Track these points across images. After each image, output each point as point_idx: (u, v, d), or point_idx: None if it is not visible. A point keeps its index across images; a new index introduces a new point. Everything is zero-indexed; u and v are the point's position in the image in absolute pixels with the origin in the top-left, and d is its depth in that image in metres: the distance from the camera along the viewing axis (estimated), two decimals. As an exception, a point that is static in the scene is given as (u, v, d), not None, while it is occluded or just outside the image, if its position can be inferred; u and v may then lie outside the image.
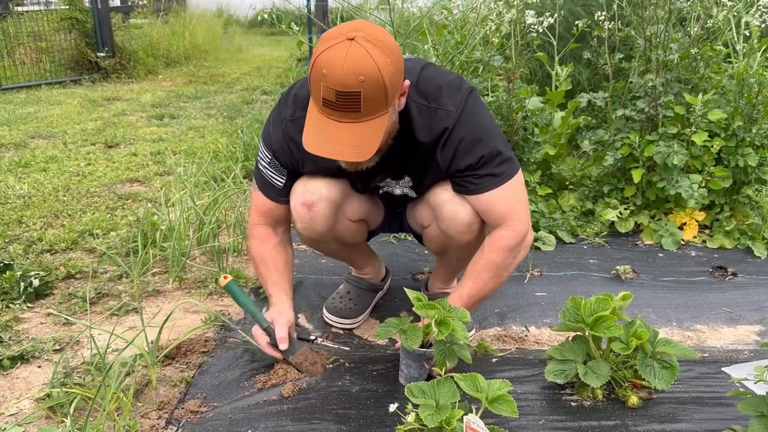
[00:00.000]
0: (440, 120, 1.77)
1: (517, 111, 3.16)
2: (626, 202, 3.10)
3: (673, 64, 2.94)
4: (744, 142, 2.95)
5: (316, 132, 1.60)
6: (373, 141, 1.59)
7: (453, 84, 1.80)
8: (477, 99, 1.83)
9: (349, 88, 1.50)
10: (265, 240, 2.02)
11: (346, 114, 1.55)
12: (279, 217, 2.03)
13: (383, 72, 1.51)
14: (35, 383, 1.89)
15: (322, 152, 1.59)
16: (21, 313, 2.29)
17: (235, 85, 7.61)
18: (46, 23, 8.00)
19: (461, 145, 1.78)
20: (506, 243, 1.86)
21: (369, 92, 1.52)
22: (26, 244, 2.83)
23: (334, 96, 1.52)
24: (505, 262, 1.88)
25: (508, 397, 1.53)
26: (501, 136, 1.86)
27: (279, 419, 1.70)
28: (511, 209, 1.85)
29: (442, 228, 1.95)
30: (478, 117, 1.80)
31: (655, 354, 1.76)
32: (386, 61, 1.52)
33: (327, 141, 1.58)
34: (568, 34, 3.81)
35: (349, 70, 1.49)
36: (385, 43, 1.54)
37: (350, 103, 1.53)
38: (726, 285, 2.57)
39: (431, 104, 1.77)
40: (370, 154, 1.59)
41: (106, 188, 3.67)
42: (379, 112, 1.58)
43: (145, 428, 1.67)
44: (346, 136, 1.57)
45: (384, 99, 1.56)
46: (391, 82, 1.55)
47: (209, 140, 4.74)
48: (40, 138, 4.92)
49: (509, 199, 1.85)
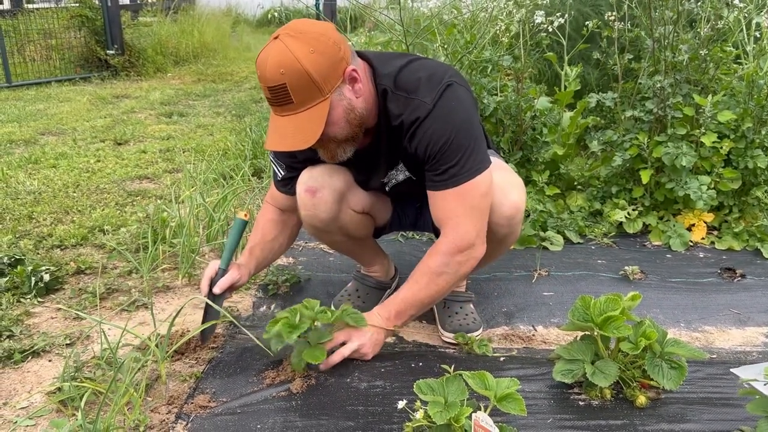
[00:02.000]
0: (414, 110, 1.77)
1: (525, 111, 3.16)
2: (634, 203, 3.10)
3: (682, 65, 2.94)
4: (753, 144, 2.94)
5: (269, 129, 1.74)
6: (314, 128, 1.67)
7: (434, 76, 1.79)
8: (456, 92, 1.79)
9: (275, 82, 1.62)
10: (265, 213, 2.14)
11: (283, 107, 1.67)
12: (282, 204, 2.11)
13: (303, 61, 1.60)
14: (46, 377, 1.90)
15: (269, 146, 1.74)
16: (32, 308, 2.31)
17: (243, 83, 7.63)
18: (56, 21, 8.05)
19: (428, 136, 1.77)
20: (442, 248, 1.83)
21: (294, 82, 1.62)
22: (37, 240, 2.86)
23: (268, 92, 1.66)
24: (439, 269, 1.84)
25: (517, 396, 1.53)
26: (473, 131, 1.80)
27: (287, 415, 1.71)
28: (452, 214, 1.81)
29: None
30: (452, 110, 1.77)
31: (663, 354, 1.76)
32: (307, 51, 1.61)
33: (274, 134, 1.72)
34: (578, 34, 3.81)
35: (272, 64, 1.61)
36: (308, 34, 1.64)
37: (281, 95, 1.64)
38: (734, 286, 2.57)
39: (409, 95, 1.78)
40: (309, 141, 1.67)
41: (115, 185, 3.69)
42: (315, 100, 1.66)
43: (155, 423, 1.68)
44: (288, 128, 1.68)
45: (314, 86, 1.64)
46: (316, 69, 1.62)
47: (218, 138, 4.76)
48: (49, 135, 4.95)
49: (456, 203, 1.80)
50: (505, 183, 1.90)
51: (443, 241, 1.84)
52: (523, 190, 1.94)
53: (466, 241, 1.82)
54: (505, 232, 1.93)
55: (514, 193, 1.90)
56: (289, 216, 2.12)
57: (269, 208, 2.13)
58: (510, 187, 1.90)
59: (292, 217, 2.13)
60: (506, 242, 2.00)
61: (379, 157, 1.90)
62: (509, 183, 1.91)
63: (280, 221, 2.12)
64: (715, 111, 2.90)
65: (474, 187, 1.80)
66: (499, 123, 3.21)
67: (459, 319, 2.15)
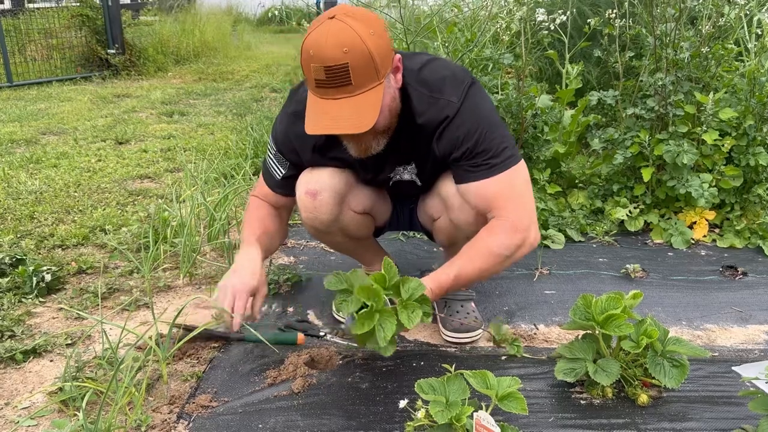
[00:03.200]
0: (441, 109, 1.77)
1: (527, 109, 3.15)
2: (636, 201, 3.10)
3: (683, 63, 2.93)
4: (755, 141, 2.94)
5: (314, 114, 1.64)
6: (371, 112, 1.60)
7: (457, 75, 1.80)
8: (480, 90, 1.82)
9: (336, 62, 1.54)
10: (260, 207, 2.08)
11: (339, 89, 1.58)
12: (275, 202, 2.09)
13: (367, 41, 1.55)
14: (48, 377, 1.90)
15: (321, 129, 1.63)
16: (33, 308, 2.31)
17: (244, 82, 7.63)
18: (57, 20, 8.06)
19: (460, 133, 1.77)
20: (501, 229, 1.79)
21: (356, 62, 1.55)
22: (38, 240, 2.86)
23: (324, 73, 1.56)
24: (498, 250, 1.80)
25: (518, 395, 1.53)
26: (502, 128, 1.83)
27: (289, 414, 1.71)
28: (506, 199, 1.79)
29: (452, 218, 1.95)
30: (479, 108, 1.79)
31: (665, 353, 1.76)
32: (369, 32, 1.56)
33: (324, 118, 1.61)
34: (579, 32, 3.80)
35: (333, 43, 1.53)
36: (366, 16, 1.60)
37: (340, 76, 1.56)
38: (736, 284, 2.56)
39: (433, 94, 1.77)
40: (368, 125, 1.60)
41: (116, 184, 3.69)
42: (371, 84, 1.60)
43: (156, 422, 1.68)
44: (343, 111, 1.59)
45: (373, 69, 1.58)
46: (377, 50, 1.57)
47: (219, 137, 4.76)
48: (51, 134, 4.95)
49: (504, 189, 1.80)
50: None
51: (499, 224, 1.79)
52: None
53: (524, 224, 1.80)
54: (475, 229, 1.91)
55: None
56: (281, 212, 2.11)
57: (262, 204, 2.08)
58: None
59: (284, 213, 2.13)
60: None
61: (391, 153, 1.87)
62: None
63: (276, 215, 2.09)
64: (717, 108, 2.89)
65: (516, 174, 1.81)
66: (501, 121, 3.21)
67: (460, 318, 2.15)
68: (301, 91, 1.89)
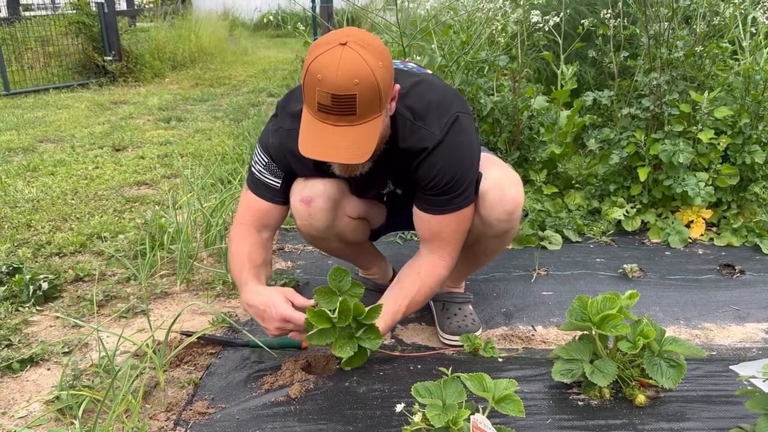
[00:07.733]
0: (421, 139, 1.79)
1: (522, 110, 3.15)
2: (633, 201, 3.10)
3: (678, 62, 2.93)
4: (751, 140, 2.94)
5: (312, 137, 1.62)
6: (369, 143, 1.62)
7: (443, 103, 1.81)
8: (463, 125, 1.81)
9: (345, 92, 1.54)
10: (247, 236, 1.99)
11: (341, 117, 1.58)
12: (268, 220, 2.00)
13: (377, 74, 1.55)
14: (44, 386, 1.90)
15: (319, 156, 1.63)
16: (30, 316, 2.31)
17: (241, 87, 7.64)
18: (53, 28, 8.06)
19: (435, 170, 1.80)
20: (442, 273, 1.95)
21: (364, 95, 1.55)
22: (35, 248, 2.85)
23: (330, 100, 1.55)
24: (436, 286, 1.98)
25: (515, 397, 1.53)
26: (475, 166, 1.87)
27: (286, 420, 1.71)
28: (451, 237, 1.91)
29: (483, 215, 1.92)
30: (460, 147, 1.81)
31: (662, 353, 1.75)
32: (378, 64, 1.56)
33: (323, 145, 1.61)
34: (574, 33, 3.80)
35: (345, 73, 1.52)
36: (376, 47, 1.58)
37: (346, 106, 1.56)
38: (734, 283, 2.56)
39: (416, 122, 1.79)
40: (365, 156, 1.62)
41: (113, 191, 3.69)
42: (373, 115, 1.61)
43: (153, 430, 1.68)
44: (343, 140, 1.60)
45: (378, 101, 1.59)
46: (384, 83, 1.58)
47: (216, 143, 4.76)
48: (48, 142, 4.95)
49: (452, 228, 1.90)
50: (503, 178, 1.90)
51: (441, 265, 1.94)
52: (521, 185, 1.95)
53: (453, 263, 1.97)
54: (505, 227, 1.94)
55: (513, 189, 1.90)
56: (268, 236, 2.03)
57: (246, 231, 1.99)
58: (509, 183, 1.90)
59: (271, 236, 2.06)
60: (507, 237, 2.00)
61: (378, 173, 1.88)
62: (507, 178, 1.91)
63: (261, 243, 2.00)
64: (712, 107, 2.89)
65: (466, 216, 1.90)
66: (496, 123, 3.21)
67: (458, 320, 2.15)
68: (291, 106, 1.87)
